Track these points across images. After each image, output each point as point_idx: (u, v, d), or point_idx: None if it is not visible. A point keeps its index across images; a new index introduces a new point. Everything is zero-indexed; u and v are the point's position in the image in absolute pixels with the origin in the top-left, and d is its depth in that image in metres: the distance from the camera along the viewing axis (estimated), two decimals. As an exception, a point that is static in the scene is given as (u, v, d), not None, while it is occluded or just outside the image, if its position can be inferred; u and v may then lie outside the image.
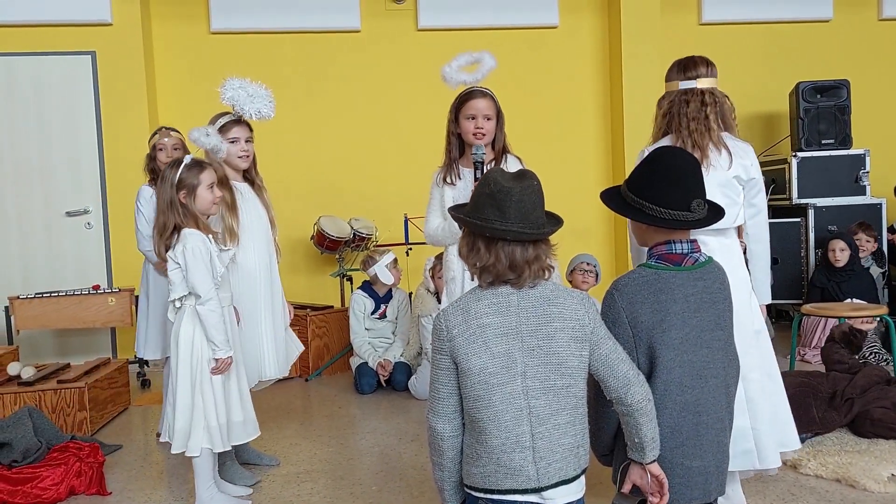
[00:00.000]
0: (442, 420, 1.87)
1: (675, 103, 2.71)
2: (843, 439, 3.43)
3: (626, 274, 2.08)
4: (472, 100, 3.12)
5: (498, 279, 1.82)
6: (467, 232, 1.86)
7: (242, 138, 3.41)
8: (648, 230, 2.10)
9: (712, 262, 2.11)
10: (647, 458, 1.91)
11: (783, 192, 5.98)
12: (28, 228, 5.69)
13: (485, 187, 1.82)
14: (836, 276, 5.23)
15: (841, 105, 5.90)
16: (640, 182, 2.07)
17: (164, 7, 5.95)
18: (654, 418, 1.90)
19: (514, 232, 1.78)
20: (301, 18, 5.99)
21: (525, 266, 1.80)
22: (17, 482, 3.08)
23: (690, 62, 2.75)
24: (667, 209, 2.01)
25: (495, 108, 3.16)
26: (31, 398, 3.97)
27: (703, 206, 2.05)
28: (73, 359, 5.20)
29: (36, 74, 5.66)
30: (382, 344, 5.00)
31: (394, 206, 5.86)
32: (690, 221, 2.03)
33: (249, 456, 3.48)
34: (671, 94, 2.75)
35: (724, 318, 2.08)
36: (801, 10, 6.47)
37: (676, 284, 2.01)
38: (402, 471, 3.36)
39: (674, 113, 2.70)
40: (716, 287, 2.07)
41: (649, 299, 1.99)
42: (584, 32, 6.35)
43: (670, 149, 2.26)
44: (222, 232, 3.23)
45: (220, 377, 2.94)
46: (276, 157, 5.85)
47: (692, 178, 2.06)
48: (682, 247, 2.07)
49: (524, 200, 1.79)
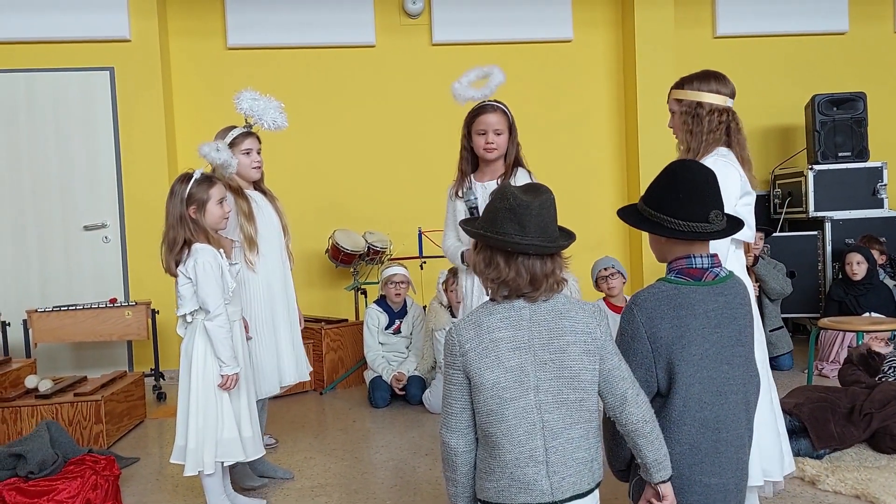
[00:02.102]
0: (455, 435, 1.86)
1: (726, 118, 2.68)
2: (863, 455, 3.40)
3: (645, 288, 2.06)
4: (482, 115, 3.13)
5: (515, 293, 1.82)
6: (483, 247, 1.85)
7: (255, 149, 3.46)
8: (667, 244, 2.08)
9: (733, 276, 2.10)
10: (652, 478, 1.89)
11: (799, 205, 5.94)
12: (46, 242, 5.75)
13: (503, 201, 1.81)
14: (853, 290, 5.18)
15: (857, 118, 5.86)
16: (658, 196, 2.06)
17: (182, 23, 6.02)
18: (657, 440, 1.87)
19: (537, 246, 1.78)
20: (316, 34, 6.04)
21: (543, 279, 1.81)
22: (34, 495, 3.09)
23: (725, 79, 2.75)
24: (685, 221, 2.00)
25: (507, 123, 3.15)
26: (49, 411, 4.00)
27: (721, 217, 2.03)
28: (90, 372, 5.23)
29: (55, 90, 5.74)
30: (396, 358, 4.99)
31: (408, 219, 5.87)
32: (709, 233, 2.02)
33: (264, 469, 3.48)
34: (720, 108, 2.68)
35: (744, 333, 2.06)
36: (817, 23, 6.44)
37: (696, 300, 1.99)
38: (416, 485, 3.35)
39: (731, 128, 2.68)
40: (737, 302, 2.05)
41: (669, 314, 1.97)
42: (599, 46, 6.35)
43: (687, 161, 2.25)
44: (241, 242, 3.27)
45: (232, 392, 2.94)
46: (292, 170, 5.89)
47: (710, 189, 2.05)
48: (703, 261, 2.05)
49: (543, 214, 1.79)
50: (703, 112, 2.66)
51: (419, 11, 6.11)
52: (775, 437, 2.59)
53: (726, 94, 2.70)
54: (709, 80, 2.71)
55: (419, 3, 6.08)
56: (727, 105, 2.69)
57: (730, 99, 2.72)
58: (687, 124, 2.69)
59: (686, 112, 2.69)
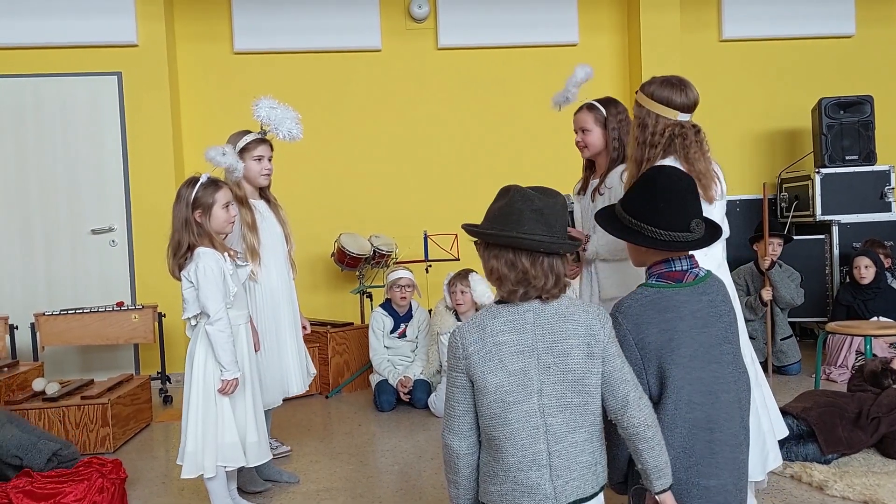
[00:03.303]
0: (457, 437, 1.86)
1: (671, 132, 2.54)
2: (871, 460, 3.38)
3: (627, 296, 2.05)
4: (574, 115, 3.21)
5: (535, 294, 1.81)
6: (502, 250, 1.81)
7: (266, 156, 3.45)
8: (647, 251, 2.07)
9: (711, 275, 2.09)
10: (653, 486, 1.86)
11: (806, 208, 5.93)
12: (54, 246, 5.77)
13: (526, 203, 1.79)
14: (861, 294, 5.15)
15: (865, 121, 5.84)
16: (638, 204, 2.04)
17: (189, 28, 6.05)
18: (658, 446, 1.84)
19: (568, 245, 1.80)
20: (322, 38, 6.06)
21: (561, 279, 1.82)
22: (41, 497, 3.11)
23: (685, 89, 2.59)
24: (667, 231, 1.98)
25: (594, 119, 3.13)
26: (55, 414, 4.02)
27: (701, 225, 2.02)
28: (97, 375, 5.25)
29: (63, 95, 5.77)
30: (402, 362, 4.99)
31: (414, 223, 5.88)
32: (690, 242, 2.00)
33: (270, 473, 3.48)
34: (666, 122, 2.56)
35: (730, 331, 2.05)
36: (824, 27, 6.42)
37: (681, 301, 1.99)
38: (421, 489, 3.34)
39: (677, 143, 2.53)
40: (720, 300, 2.05)
41: (655, 319, 1.96)
42: (604, 50, 6.35)
43: (666, 168, 2.21)
44: (243, 251, 3.26)
45: (236, 396, 2.93)
46: (298, 174, 5.91)
47: (690, 197, 2.03)
48: (682, 264, 2.04)
49: (564, 215, 1.82)
50: (650, 123, 2.58)
51: (425, 15, 6.12)
52: (757, 434, 2.53)
53: (676, 107, 2.57)
54: (664, 87, 2.59)
55: (425, 8, 6.09)
56: (677, 119, 2.57)
57: (681, 113, 2.58)
58: (633, 132, 2.66)
59: (637, 118, 2.65)
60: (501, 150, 6.26)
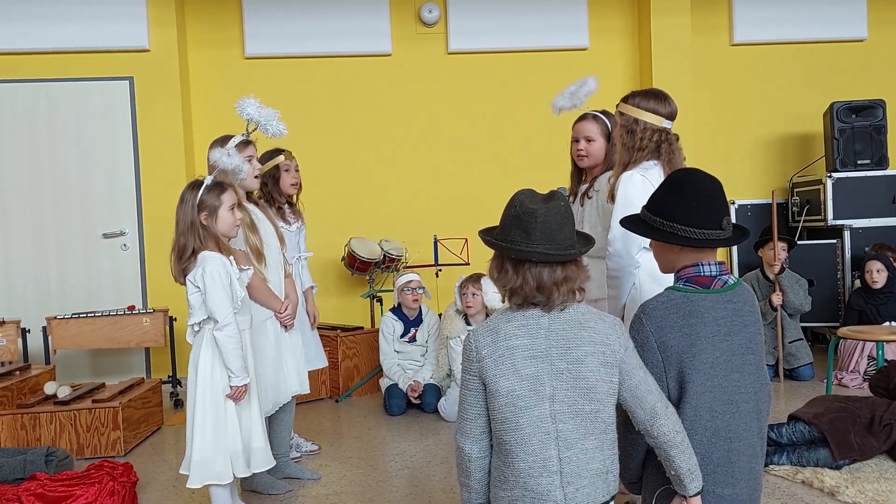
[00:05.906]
0: (470, 441, 1.86)
1: (658, 137, 2.78)
2: (883, 466, 3.35)
3: (653, 297, 2.05)
4: (577, 123, 3.25)
5: (527, 301, 1.81)
6: (497, 254, 1.86)
7: (255, 157, 3.45)
8: (677, 253, 2.07)
9: (741, 284, 2.09)
10: (688, 490, 1.87)
11: (818, 213, 5.90)
12: (66, 250, 5.81)
13: (511, 209, 1.82)
14: (874, 299, 5.12)
15: (877, 125, 5.81)
16: (669, 205, 2.05)
17: (200, 33, 6.08)
18: (688, 450, 1.86)
19: (539, 253, 1.77)
20: (333, 43, 6.08)
21: (553, 288, 1.79)
22: (52, 500, 3.12)
23: (667, 99, 2.84)
24: (699, 229, 1.99)
25: (599, 130, 3.20)
26: (67, 417, 4.04)
27: (730, 223, 2.03)
28: (108, 378, 5.28)
29: (75, 100, 5.81)
30: (412, 366, 4.99)
31: (424, 227, 5.88)
32: (722, 240, 2.01)
33: (292, 470, 3.53)
34: (654, 128, 2.79)
35: (754, 341, 2.04)
36: (835, 30, 6.40)
37: (706, 307, 1.98)
38: (431, 493, 3.34)
39: (663, 148, 2.77)
40: (746, 310, 2.04)
41: (678, 323, 1.96)
42: (615, 54, 6.35)
43: (691, 170, 2.24)
44: (249, 253, 3.25)
45: (242, 403, 2.87)
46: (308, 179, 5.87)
47: (720, 196, 2.05)
48: (711, 269, 2.04)
49: (549, 221, 1.78)
50: (638, 129, 2.79)
51: (435, 20, 6.13)
52: None
53: (663, 115, 2.80)
54: (649, 98, 2.83)
55: (435, 12, 6.10)
56: (662, 126, 2.79)
57: (666, 120, 2.81)
58: (622, 138, 2.83)
59: (623, 126, 2.83)
60: (511, 155, 6.26)
